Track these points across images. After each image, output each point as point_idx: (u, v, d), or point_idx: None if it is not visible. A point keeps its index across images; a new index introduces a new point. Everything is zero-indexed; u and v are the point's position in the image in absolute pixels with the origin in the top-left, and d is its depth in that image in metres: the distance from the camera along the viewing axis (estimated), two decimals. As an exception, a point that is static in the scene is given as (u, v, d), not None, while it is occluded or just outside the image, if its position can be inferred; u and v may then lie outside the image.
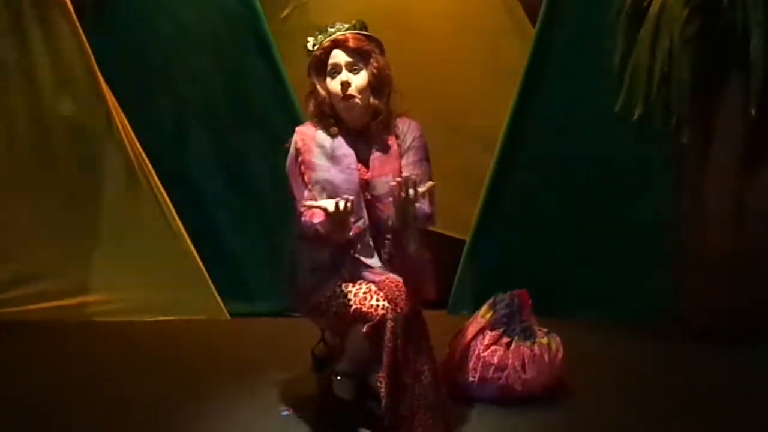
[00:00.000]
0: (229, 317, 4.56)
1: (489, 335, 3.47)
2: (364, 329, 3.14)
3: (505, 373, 3.38)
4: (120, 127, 4.47)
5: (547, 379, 3.45)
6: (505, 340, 3.46)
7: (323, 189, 3.28)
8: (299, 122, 3.44)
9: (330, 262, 3.33)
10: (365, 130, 3.39)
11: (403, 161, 3.38)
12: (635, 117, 4.12)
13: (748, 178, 4.23)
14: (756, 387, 3.68)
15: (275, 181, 3.61)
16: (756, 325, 4.22)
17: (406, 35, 4.59)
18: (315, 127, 3.37)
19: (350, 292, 3.21)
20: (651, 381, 3.79)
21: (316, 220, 3.24)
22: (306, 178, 3.35)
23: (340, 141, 3.37)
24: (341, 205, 3.03)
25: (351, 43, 3.35)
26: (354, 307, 3.17)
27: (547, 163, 4.61)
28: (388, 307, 3.15)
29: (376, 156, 3.38)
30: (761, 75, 3.95)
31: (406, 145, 3.41)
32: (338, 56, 3.32)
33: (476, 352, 3.45)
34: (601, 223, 4.58)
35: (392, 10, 4.61)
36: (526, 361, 3.44)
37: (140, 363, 3.98)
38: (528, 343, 3.47)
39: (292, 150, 3.34)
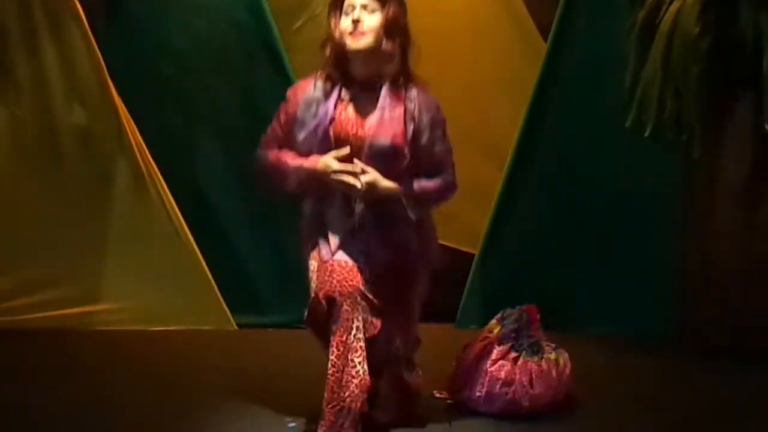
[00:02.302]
0: (236, 328, 4.55)
1: (497, 350, 3.46)
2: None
3: (513, 388, 3.36)
4: (131, 137, 4.48)
5: (554, 395, 3.42)
6: (513, 355, 3.45)
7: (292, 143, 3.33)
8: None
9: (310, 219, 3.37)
10: (374, 84, 3.34)
11: (423, 139, 3.31)
12: (647, 133, 4.10)
13: (758, 194, 4.25)
14: (766, 404, 3.66)
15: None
16: (766, 342, 4.20)
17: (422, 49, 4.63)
18: (315, 77, 3.35)
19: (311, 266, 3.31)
20: (659, 398, 3.77)
21: (283, 158, 3.29)
22: (281, 121, 3.37)
23: (327, 98, 3.33)
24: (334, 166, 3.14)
25: None
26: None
27: (556, 178, 4.61)
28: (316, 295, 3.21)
29: (378, 115, 3.32)
30: None
31: (423, 123, 3.34)
32: None
33: (484, 367, 3.44)
34: (611, 239, 4.58)
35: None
36: (533, 376, 3.42)
37: (146, 372, 3.98)
38: (536, 359, 3.46)
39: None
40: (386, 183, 3.24)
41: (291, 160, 3.32)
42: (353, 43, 3.24)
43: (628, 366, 4.21)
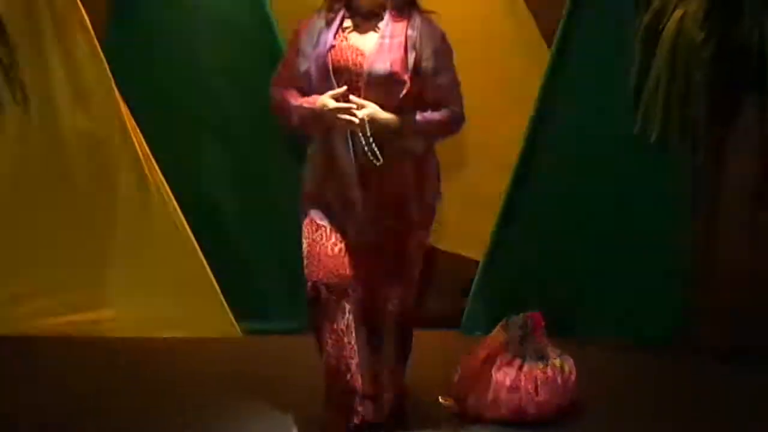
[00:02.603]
0: (241, 335, 4.55)
1: (502, 357, 3.49)
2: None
3: (518, 395, 3.40)
4: (136, 145, 4.48)
5: (559, 402, 3.45)
6: (518, 361, 3.50)
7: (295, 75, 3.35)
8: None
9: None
10: (378, 13, 3.33)
11: (426, 68, 3.29)
12: (653, 139, 4.07)
13: (763, 198, 4.24)
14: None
15: (292, 199, 3.62)
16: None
17: None
18: (320, 12, 3.37)
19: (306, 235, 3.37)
20: (665, 403, 3.80)
21: (287, 98, 3.33)
22: (288, 59, 3.41)
23: (328, 28, 3.32)
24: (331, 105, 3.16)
25: None
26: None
27: (561, 185, 4.59)
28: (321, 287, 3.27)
29: (378, 42, 3.30)
30: None
31: (426, 52, 3.31)
32: None
33: (489, 373, 3.46)
34: (617, 244, 4.57)
35: None
36: (538, 383, 3.47)
37: (150, 379, 4.02)
38: (541, 365, 3.48)
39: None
40: (385, 115, 3.24)
41: (293, 99, 3.34)
42: None
43: (633, 371, 4.21)
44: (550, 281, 4.62)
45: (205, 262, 4.53)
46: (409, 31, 3.30)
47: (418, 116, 3.28)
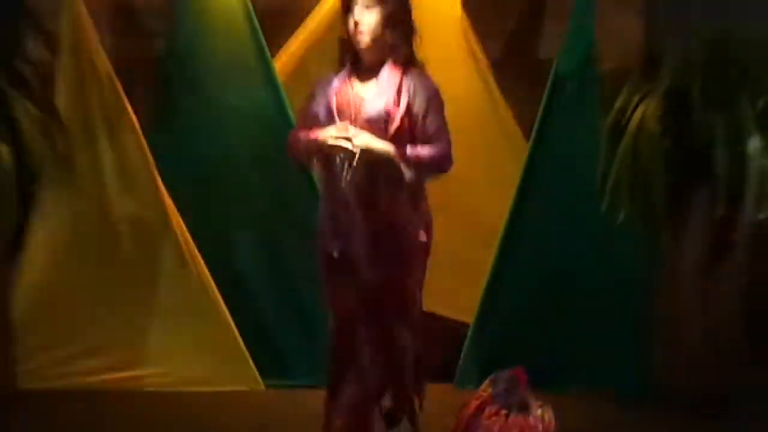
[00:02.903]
0: (265, 388, 4.62)
1: (490, 408, 3.51)
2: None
3: (505, 441, 3.45)
4: (174, 225, 4.59)
5: (541, 447, 3.51)
6: (504, 412, 3.48)
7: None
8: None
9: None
10: (380, 67, 3.42)
11: (418, 114, 3.37)
12: (620, 220, 4.26)
13: (714, 269, 4.37)
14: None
15: (310, 266, 3.76)
16: (726, 398, 4.37)
17: None
18: (334, 75, 3.51)
19: None
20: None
21: (297, 134, 3.49)
22: (305, 107, 3.57)
23: (337, 77, 3.46)
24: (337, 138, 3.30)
25: None
26: None
27: (541, 257, 4.66)
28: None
29: (375, 86, 3.40)
30: (724, 183, 4.10)
31: (418, 99, 3.38)
32: None
33: (479, 422, 3.50)
34: (590, 308, 4.64)
35: None
36: (523, 431, 3.48)
37: (186, 428, 4.19)
38: (524, 415, 3.50)
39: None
40: (379, 143, 3.33)
41: (302, 134, 3.47)
42: (356, 42, 3.41)
43: (605, 420, 4.28)
44: (532, 342, 4.61)
45: (233, 324, 4.57)
46: (405, 80, 3.40)
47: (410, 149, 3.35)
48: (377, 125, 3.36)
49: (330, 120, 3.43)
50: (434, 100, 3.45)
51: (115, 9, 4.87)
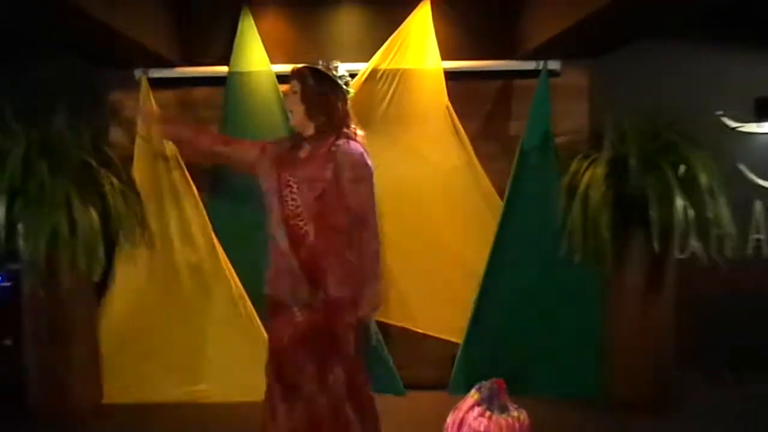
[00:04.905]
0: None
1: (476, 410, 3.56)
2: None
3: (488, 436, 3.43)
4: (226, 270, 4.58)
5: (517, 441, 3.49)
6: (488, 413, 3.53)
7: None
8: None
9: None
10: (307, 138, 3.30)
11: (343, 180, 3.19)
12: (576, 260, 4.28)
13: (650, 296, 4.37)
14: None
15: None
16: (662, 399, 4.36)
17: (408, 202, 4.67)
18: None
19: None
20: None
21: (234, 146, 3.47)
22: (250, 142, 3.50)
23: (282, 146, 3.34)
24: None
25: (291, 72, 3.30)
26: None
27: (516, 289, 4.65)
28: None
29: (304, 158, 3.26)
30: (657, 227, 4.09)
31: (345, 164, 3.20)
32: (290, 82, 3.32)
33: (467, 421, 3.53)
34: (553, 328, 4.64)
35: (405, 190, 4.70)
36: (502, 428, 3.51)
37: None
38: (504, 416, 3.54)
39: None
40: (370, 314, 3.26)
41: (235, 147, 3.50)
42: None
43: (567, 420, 4.28)
44: (509, 356, 4.62)
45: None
46: (333, 147, 3.24)
47: (366, 288, 3.19)
48: (307, 185, 3.22)
49: (270, 172, 3.30)
50: (360, 164, 3.23)
51: (178, 102, 4.86)
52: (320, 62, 3.34)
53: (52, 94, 4.31)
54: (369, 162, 3.28)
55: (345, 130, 3.30)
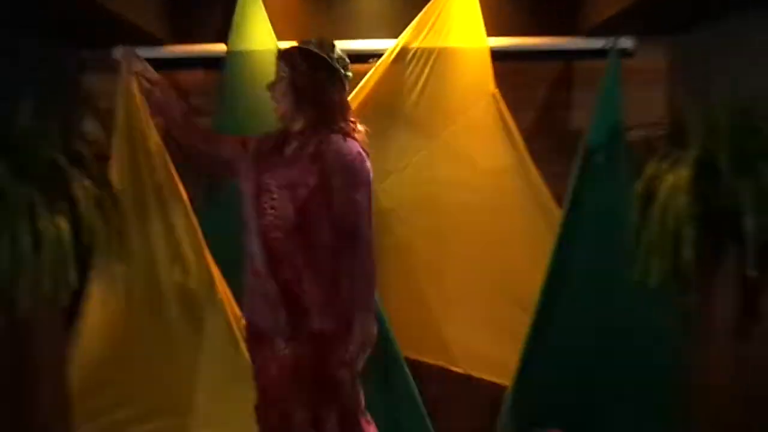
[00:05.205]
0: None
1: None
2: None
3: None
4: (219, 291, 4.60)
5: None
6: None
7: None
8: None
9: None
10: (295, 134, 3.38)
11: (334, 181, 3.23)
12: (652, 284, 4.18)
13: (745, 331, 4.24)
14: None
15: None
16: None
17: (444, 213, 4.74)
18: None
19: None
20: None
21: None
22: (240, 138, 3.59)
23: (262, 143, 3.44)
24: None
25: (278, 54, 3.41)
26: None
27: (576, 320, 4.65)
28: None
29: (286, 159, 3.34)
30: (753, 246, 3.98)
31: (333, 167, 3.24)
32: (276, 65, 3.40)
33: None
34: (623, 369, 4.61)
35: (440, 198, 4.75)
36: None
37: None
38: None
39: None
40: (358, 355, 3.31)
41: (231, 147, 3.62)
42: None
43: None
44: (568, 402, 4.60)
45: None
46: (322, 146, 3.30)
47: (355, 321, 3.26)
48: (288, 193, 3.28)
49: (249, 173, 3.40)
50: (352, 168, 3.28)
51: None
52: (312, 41, 3.38)
53: (12, 78, 4.32)
54: (366, 165, 3.32)
55: (341, 124, 3.34)
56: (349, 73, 3.41)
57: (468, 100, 4.72)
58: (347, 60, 3.43)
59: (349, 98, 4.52)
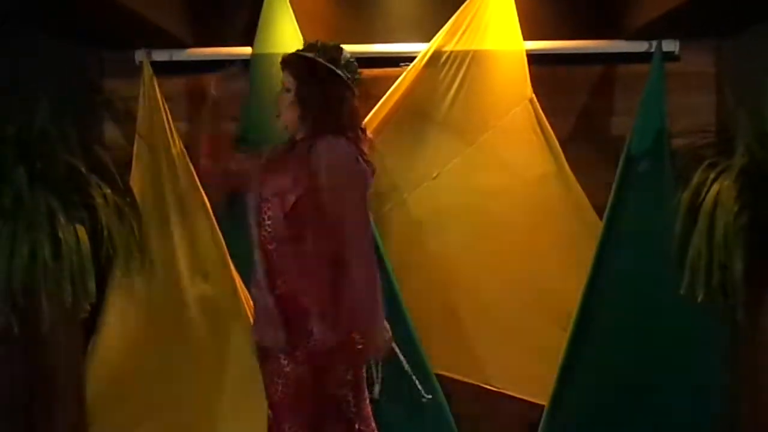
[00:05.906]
0: None
1: None
2: None
3: None
4: (245, 305, 4.55)
5: None
6: None
7: None
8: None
9: None
10: (301, 140, 3.34)
11: (327, 187, 3.19)
12: (699, 299, 4.13)
13: None
14: None
15: None
16: None
17: (478, 223, 4.70)
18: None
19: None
20: None
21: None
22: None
23: (270, 154, 3.42)
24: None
25: (283, 63, 3.37)
26: None
27: (616, 337, 4.59)
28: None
29: (276, 168, 3.33)
30: None
31: (321, 181, 3.19)
32: (283, 74, 3.38)
33: None
34: (666, 390, 4.56)
35: (474, 207, 4.71)
36: None
37: None
38: None
39: None
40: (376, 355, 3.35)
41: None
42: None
43: None
44: (608, 422, 4.57)
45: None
46: (311, 149, 3.24)
47: (368, 328, 3.24)
48: (279, 201, 3.25)
49: (253, 178, 3.38)
50: (337, 171, 3.23)
51: (189, 92, 4.92)
52: (318, 46, 3.36)
53: (31, 82, 4.30)
54: (357, 165, 3.26)
55: (349, 134, 3.30)
56: (358, 76, 3.43)
57: (504, 105, 4.69)
58: (355, 64, 3.39)
59: (379, 103, 4.62)
